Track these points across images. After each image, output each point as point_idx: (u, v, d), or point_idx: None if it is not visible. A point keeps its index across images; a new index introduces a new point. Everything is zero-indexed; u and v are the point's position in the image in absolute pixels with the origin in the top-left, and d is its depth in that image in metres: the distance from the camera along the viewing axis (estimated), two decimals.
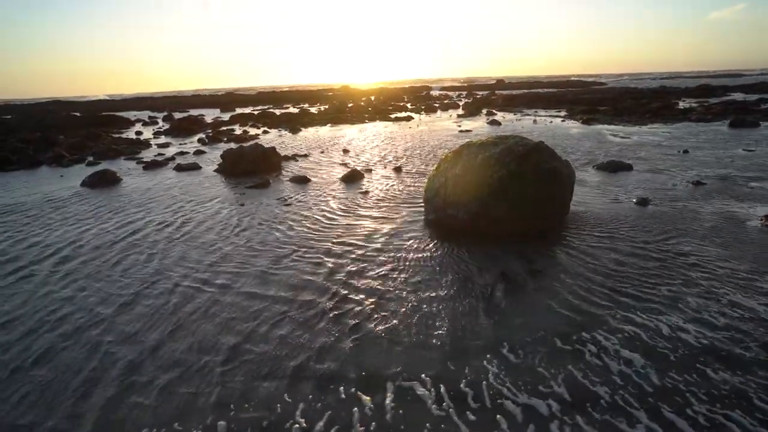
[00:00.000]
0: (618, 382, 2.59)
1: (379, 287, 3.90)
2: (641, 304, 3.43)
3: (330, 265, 4.42)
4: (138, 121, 25.76)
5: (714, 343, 2.91)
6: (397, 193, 7.23)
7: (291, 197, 7.23)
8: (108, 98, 70.96)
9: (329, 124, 20.15)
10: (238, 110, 31.35)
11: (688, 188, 6.77)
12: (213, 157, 11.60)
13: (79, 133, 17.41)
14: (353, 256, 4.62)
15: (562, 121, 17.31)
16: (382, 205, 6.56)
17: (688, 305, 3.38)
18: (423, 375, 2.74)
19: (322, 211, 6.34)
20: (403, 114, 23.55)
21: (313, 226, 5.67)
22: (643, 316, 3.26)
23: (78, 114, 27.80)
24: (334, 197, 7.11)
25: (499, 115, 20.51)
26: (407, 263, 4.38)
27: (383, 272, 4.20)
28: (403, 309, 3.51)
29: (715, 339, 2.95)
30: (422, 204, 6.08)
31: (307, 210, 6.43)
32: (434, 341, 3.07)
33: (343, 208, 6.46)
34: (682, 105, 20.76)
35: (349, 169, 8.92)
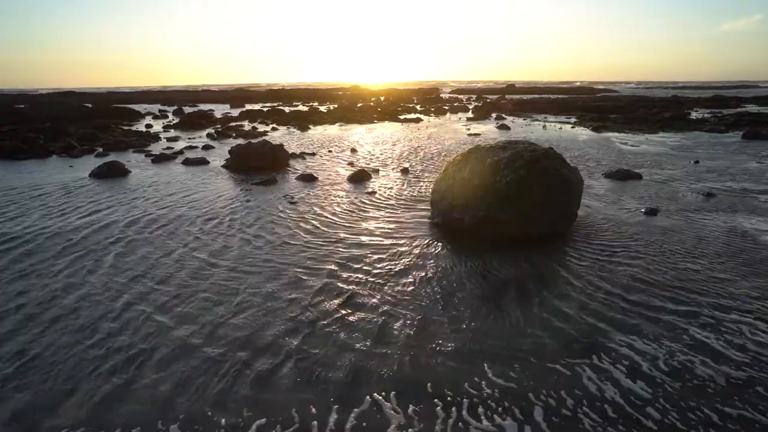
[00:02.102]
0: (609, 413, 2.42)
1: (379, 289, 3.88)
2: (642, 325, 3.26)
3: (332, 265, 4.41)
4: (148, 114, 25.98)
5: (724, 373, 2.73)
6: (404, 194, 7.20)
7: (297, 195, 7.23)
8: (119, 90, 71.58)
9: (338, 123, 20.17)
10: (248, 106, 31.49)
11: (698, 199, 6.68)
12: (221, 152, 11.64)
13: (90, 125, 17.55)
14: (356, 257, 4.61)
15: (572, 127, 17.20)
16: (387, 206, 6.54)
17: (695, 330, 3.18)
18: (396, 383, 2.69)
19: (327, 210, 6.33)
20: (412, 115, 23.53)
21: (316, 225, 5.65)
22: (644, 339, 3.08)
23: (89, 105, 28.04)
24: (340, 196, 7.10)
25: (509, 120, 20.41)
26: (410, 267, 4.36)
27: (385, 274, 4.18)
28: (397, 313, 3.50)
29: (724, 370, 2.75)
30: (428, 206, 6.05)
31: (313, 208, 6.42)
32: (417, 348, 3.04)
33: (348, 208, 6.44)
34: (694, 115, 20.56)
35: (356, 169, 8.91)
